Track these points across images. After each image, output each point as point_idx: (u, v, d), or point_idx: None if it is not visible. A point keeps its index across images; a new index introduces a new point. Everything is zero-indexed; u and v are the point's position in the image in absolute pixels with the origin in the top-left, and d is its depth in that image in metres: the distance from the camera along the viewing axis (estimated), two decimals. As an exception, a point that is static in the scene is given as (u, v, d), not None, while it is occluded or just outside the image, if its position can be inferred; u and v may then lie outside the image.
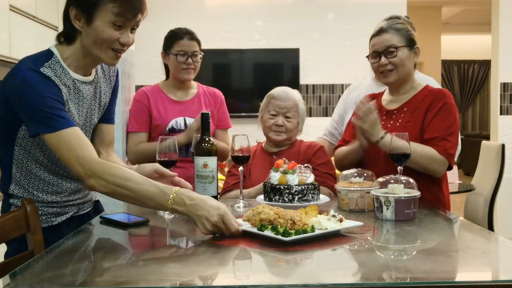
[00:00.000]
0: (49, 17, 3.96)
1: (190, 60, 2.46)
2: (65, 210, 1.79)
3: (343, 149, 2.26)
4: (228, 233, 1.45)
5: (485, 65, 11.12)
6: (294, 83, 5.35)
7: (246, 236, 1.46)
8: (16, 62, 3.54)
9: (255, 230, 1.45)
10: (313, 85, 5.56)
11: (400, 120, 2.13)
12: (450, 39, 10.34)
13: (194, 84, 2.63)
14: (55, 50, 1.66)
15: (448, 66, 11.41)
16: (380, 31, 2.16)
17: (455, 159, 2.13)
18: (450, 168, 2.08)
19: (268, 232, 1.41)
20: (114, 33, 1.57)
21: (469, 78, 11.54)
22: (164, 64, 2.60)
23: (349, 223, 1.52)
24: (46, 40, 3.95)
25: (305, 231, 1.40)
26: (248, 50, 5.53)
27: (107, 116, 1.89)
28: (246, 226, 1.48)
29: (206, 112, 1.93)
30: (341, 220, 1.51)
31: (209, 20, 5.45)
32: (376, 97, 2.29)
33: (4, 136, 1.68)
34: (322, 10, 5.57)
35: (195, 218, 1.47)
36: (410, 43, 2.14)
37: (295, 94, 2.42)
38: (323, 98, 5.53)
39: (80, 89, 1.69)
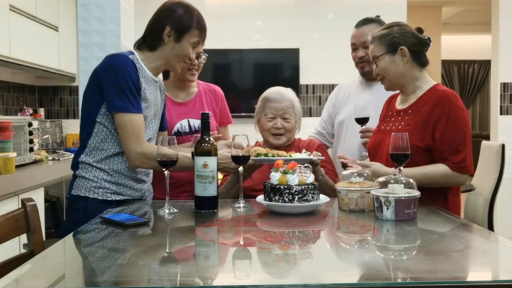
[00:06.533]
0: (49, 17, 3.96)
1: (196, 61, 2.43)
2: (122, 191, 2.02)
3: None
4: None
5: (485, 65, 11.12)
6: (294, 83, 5.35)
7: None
8: (16, 62, 3.57)
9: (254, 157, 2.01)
10: (313, 85, 5.57)
11: (402, 123, 2.11)
12: (450, 39, 10.33)
13: (194, 82, 2.60)
14: (135, 52, 2.07)
15: (448, 66, 11.41)
16: (370, 42, 2.17)
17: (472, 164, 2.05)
18: (471, 175, 2.05)
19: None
20: (191, 51, 2.10)
21: (469, 78, 11.53)
22: None
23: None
24: (46, 40, 3.95)
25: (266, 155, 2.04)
26: (248, 50, 5.53)
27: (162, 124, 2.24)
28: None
29: (206, 112, 1.92)
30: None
31: (209, 20, 5.39)
32: (392, 98, 2.29)
33: (87, 113, 2.02)
34: (322, 10, 5.57)
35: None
36: (391, 48, 2.09)
37: (289, 93, 2.42)
38: (323, 98, 5.53)
39: (153, 86, 2.11)
